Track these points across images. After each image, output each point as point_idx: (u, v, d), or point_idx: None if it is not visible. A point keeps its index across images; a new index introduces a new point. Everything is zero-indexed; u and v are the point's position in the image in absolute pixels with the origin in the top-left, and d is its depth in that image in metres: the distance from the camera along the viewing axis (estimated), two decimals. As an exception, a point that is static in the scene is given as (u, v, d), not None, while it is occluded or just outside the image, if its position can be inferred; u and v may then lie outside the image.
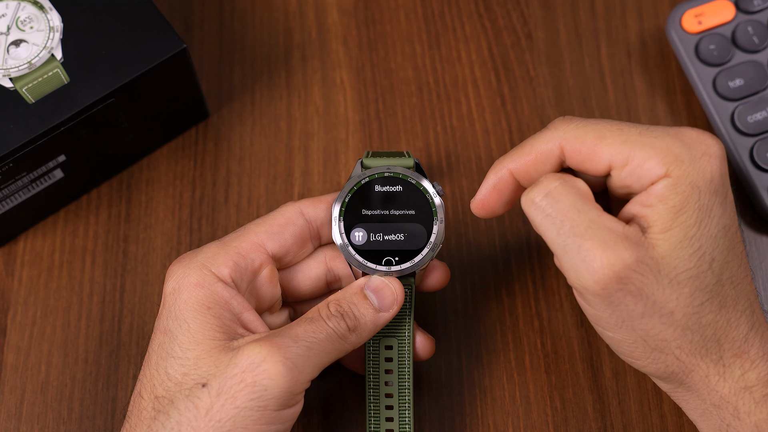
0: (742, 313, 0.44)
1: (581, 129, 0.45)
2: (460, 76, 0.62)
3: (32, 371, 0.55)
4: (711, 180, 0.43)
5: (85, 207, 0.59)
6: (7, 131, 0.52)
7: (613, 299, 0.44)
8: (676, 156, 0.43)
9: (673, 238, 0.43)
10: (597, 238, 0.43)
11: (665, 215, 0.43)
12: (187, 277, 0.46)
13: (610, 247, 0.43)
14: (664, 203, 0.43)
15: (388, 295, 0.48)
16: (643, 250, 0.43)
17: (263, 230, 0.49)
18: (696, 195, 0.43)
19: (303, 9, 0.64)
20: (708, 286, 0.43)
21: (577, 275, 0.44)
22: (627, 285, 0.43)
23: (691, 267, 0.43)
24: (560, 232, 0.44)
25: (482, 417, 0.54)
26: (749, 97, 0.57)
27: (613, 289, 0.43)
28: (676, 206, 0.43)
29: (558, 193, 0.44)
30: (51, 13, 0.55)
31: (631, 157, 0.44)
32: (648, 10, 0.63)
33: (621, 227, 0.43)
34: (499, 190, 0.48)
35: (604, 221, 0.43)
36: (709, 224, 0.43)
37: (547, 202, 0.44)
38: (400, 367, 0.50)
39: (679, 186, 0.43)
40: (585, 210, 0.44)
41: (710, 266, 0.43)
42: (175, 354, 0.45)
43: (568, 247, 0.44)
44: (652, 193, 0.44)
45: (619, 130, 0.44)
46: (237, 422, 0.43)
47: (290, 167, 0.60)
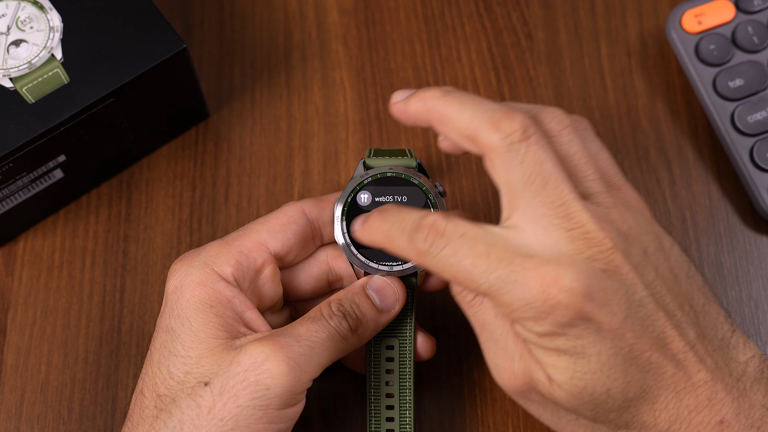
0: (661, 411, 0.42)
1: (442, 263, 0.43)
2: (460, 76, 0.62)
3: (32, 371, 0.55)
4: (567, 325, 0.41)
5: (85, 207, 0.59)
6: (7, 131, 0.52)
7: (525, 402, 0.45)
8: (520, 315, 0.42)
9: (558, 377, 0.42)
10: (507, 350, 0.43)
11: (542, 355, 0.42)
12: (189, 276, 0.46)
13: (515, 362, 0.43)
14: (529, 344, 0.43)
15: (389, 295, 0.48)
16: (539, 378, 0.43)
17: (265, 229, 0.49)
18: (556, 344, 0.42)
19: (303, 9, 0.64)
20: (612, 408, 0.42)
21: (493, 374, 0.45)
22: (531, 394, 0.44)
23: (586, 402, 0.42)
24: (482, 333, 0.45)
25: (482, 417, 0.54)
26: (749, 97, 0.58)
27: (522, 395, 0.44)
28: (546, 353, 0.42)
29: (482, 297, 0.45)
30: (51, 13, 0.55)
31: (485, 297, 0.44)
32: (648, 10, 0.63)
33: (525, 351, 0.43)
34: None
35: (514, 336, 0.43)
36: (587, 363, 0.41)
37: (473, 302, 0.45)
38: (401, 367, 0.50)
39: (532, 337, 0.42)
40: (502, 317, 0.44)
41: (608, 395, 0.42)
42: (177, 352, 0.45)
43: (488, 350, 0.45)
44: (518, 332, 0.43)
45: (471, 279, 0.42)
46: (239, 421, 0.43)
47: (290, 167, 0.60)
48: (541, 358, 0.42)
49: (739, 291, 0.56)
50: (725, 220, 0.58)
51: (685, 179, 0.58)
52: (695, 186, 0.58)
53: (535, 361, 0.42)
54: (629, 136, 0.60)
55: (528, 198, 0.42)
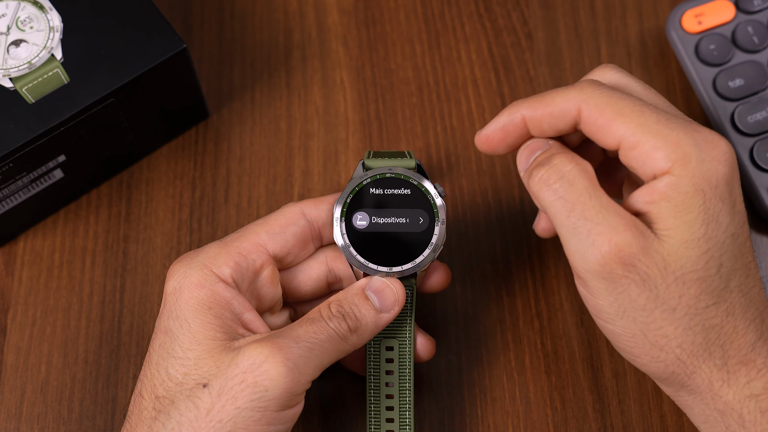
0: (751, 321, 0.44)
1: (604, 98, 0.44)
2: (460, 76, 0.62)
3: (32, 371, 0.55)
4: (716, 185, 0.43)
5: (85, 207, 0.59)
6: (7, 131, 0.52)
7: (617, 285, 0.43)
8: (684, 154, 0.42)
9: (679, 237, 0.42)
10: (607, 223, 0.43)
11: (667, 213, 0.43)
12: (188, 277, 0.46)
13: (619, 232, 0.42)
14: (667, 201, 0.43)
15: (389, 296, 0.48)
16: (650, 241, 0.43)
17: (264, 230, 0.49)
18: (700, 198, 0.42)
19: (303, 9, 0.64)
20: (715, 290, 0.43)
21: (584, 258, 0.43)
22: (632, 272, 0.43)
23: (699, 269, 0.43)
24: (571, 214, 0.43)
25: (482, 417, 0.54)
26: (749, 97, 0.58)
27: (617, 275, 0.43)
28: (678, 206, 0.43)
29: (572, 176, 0.44)
30: (51, 13, 0.55)
31: (641, 142, 0.43)
32: (648, 10, 0.63)
33: (630, 216, 0.43)
34: (507, 131, 0.48)
35: (614, 208, 0.43)
36: (716, 229, 0.43)
37: (561, 185, 0.44)
38: (401, 368, 0.50)
39: (681, 186, 0.42)
40: (597, 195, 0.43)
41: (718, 271, 0.43)
42: (175, 354, 0.45)
43: (577, 229, 0.43)
44: (654, 189, 0.43)
45: (640, 111, 0.44)
46: (238, 423, 0.43)
47: (290, 167, 0.60)
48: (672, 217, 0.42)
49: (739, 291, 0.56)
50: (725, 220, 0.58)
51: (685, 179, 0.58)
52: (695, 186, 0.58)
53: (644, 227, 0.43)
54: (629, 136, 0.60)
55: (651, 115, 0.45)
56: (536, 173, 0.45)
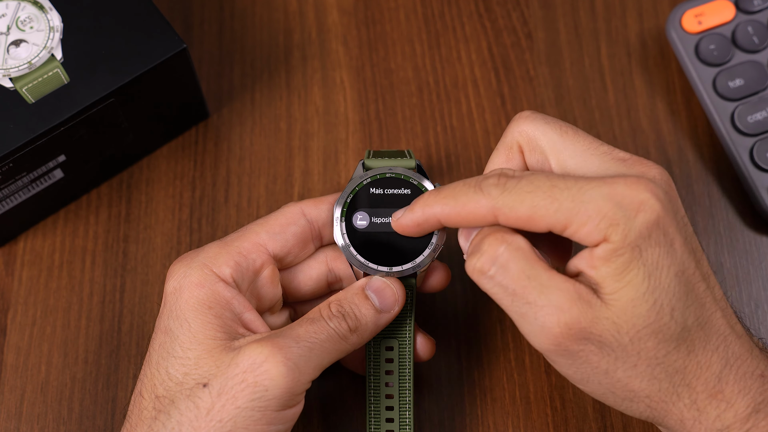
0: (713, 351, 0.43)
1: (514, 198, 0.43)
2: (460, 76, 0.62)
3: (32, 371, 0.55)
4: (649, 235, 0.42)
5: (85, 207, 0.59)
6: (7, 131, 0.52)
7: (576, 359, 0.43)
8: (610, 221, 0.41)
9: (625, 298, 0.42)
10: (551, 304, 0.42)
11: (611, 277, 0.42)
12: (188, 277, 0.46)
13: (565, 311, 0.42)
14: (608, 266, 0.42)
15: (389, 296, 0.48)
16: (598, 310, 0.42)
17: (264, 230, 0.49)
18: (638, 254, 0.42)
19: (303, 9, 0.64)
20: (672, 335, 0.42)
21: (537, 340, 0.43)
22: (586, 344, 0.42)
23: (651, 322, 0.42)
24: (514, 301, 0.43)
25: (482, 417, 0.54)
26: (749, 97, 0.58)
27: (573, 350, 0.43)
28: (619, 268, 0.42)
29: (506, 260, 0.43)
30: (51, 13, 0.55)
31: (567, 224, 0.42)
32: (648, 10, 0.63)
33: (573, 287, 0.42)
34: (422, 227, 0.47)
35: (556, 284, 0.42)
36: (659, 277, 0.42)
37: (496, 271, 0.43)
38: (401, 368, 0.50)
39: (619, 250, 0.42)
40: (535, 275, 0.43)
41: (672, 317, 0.42)
42: (176, 353, 0.45)
43: (524, 316, 0.43)
44: (594, 256, 0.42)
45: (551, 197, 0.42)
46: (238, 422, 0.43)
47: (290, 167, 0.60)
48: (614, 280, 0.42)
49: (739, 291, 0.56)
50: (725, 220, 0.58)
51: (685, 179, 0.58)
52: (695, 186, 0.58)
53: (590, 297, 0.42)
54: (629, 136, 0.60)
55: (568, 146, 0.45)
56: (471, 262, 0.44)
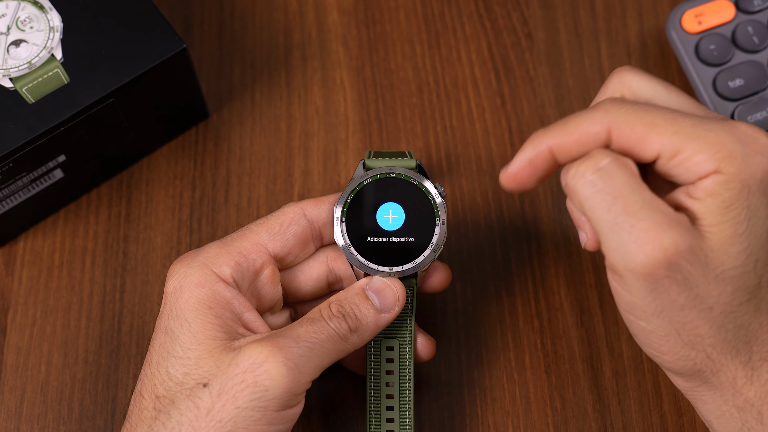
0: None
1: (632, 114, 0.43)
2: (460, 76, 0.62)
3: (32, 371, 0.55)
4: (762, 179, 0.42)
5: (85, 207, 0.59)
6: (7, 131, 0.52)
7: (658, 286, 0.42)
8: (729, 152, 0.41)
9: (723, 233, 0.42)
10: (651, 220, 0.41)
11: (714, 210, 0.42)
12: (188, 277, 0.46)
13: (664, 231, 0.41)
14: (714, 198, 0.42)
15: (389, 296, 0.48)
16: (695, 239, 0.41)
17: (265, 230, 0.49)
18: (746, 193, 0.42)
19: (303, 9, 0.64)
20: (750, 287, 0.42)
21: (625, 257, 0.42)
22: (675, 273, 0.41)
23: (738, 265, 0.42)
24: (611, 209, 0.42)
25: (482, 417, 0.54)
26: (749, 97, 0.58)
27: (660, 275, 0.41)
28: (725, 202, 0.42)
29: (611, 169, 0.42)
30: (51, 13, 0.55)
31: (682, 149, 0.42)
32: (648, 10, 0.63)
33: (674, 213, 0.42)
34: (534, 165, 0.45)
35: (657, 204, 0.42)
36: (756, 224, 0.42)
37: (599, 177, 0.42)
38: (401, 368, 0.50)
39: (731, 183, 0.41)
40: (638, 190, 0.42)
41: (754, 267, 0.42)
42: (176, 353, 0.45)
43: (618, 225, 0.42)
44: (701, 187, 0.42)
45: (672, 119, 0.43)
46: (238, 422, 0.43)
47: (290, 167, 0.60)
48: (716, 214, 0.42)
49: (739, 291, 0.56)
50: (725, 220, 0.58)
51: (685, 179, 0.58)
52: (695, 186, 0.58)
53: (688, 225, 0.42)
54: (629, 136, 0.60)
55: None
56: (572, 169, 0.43)
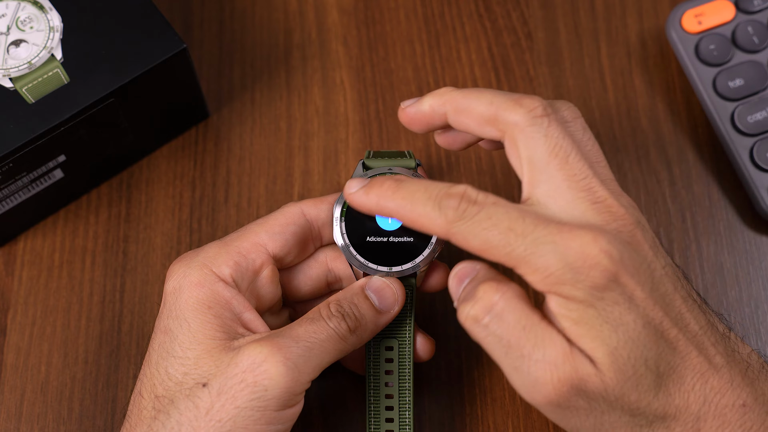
0: (689, 392, 0.42)
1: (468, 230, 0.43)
2: (460, 76, 0.62)
3: (32, 371, 0.55)
4: (603, 296, 0.41)
5: (85, 207, 0.59)
6: (7, 131, 0.52)
7: (567, 411, 0.43)
8: (557, 279, 0.41)
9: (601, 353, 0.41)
10: (546, 359, 0.42)
11: (576, 332, 0.41)
12: (187, 277, 0.46)
13: (559, 367, 0.41)
14: (566, 319, 0.41)
15: (389, 296, 0.48)
16: (587, 367, 0.42)
17: (264, 230, 0.49)
18: (594, 312, 0.41)
19: (303, 9, 0.64)
20: (650, 385, 0.42)
21: (529, 394, 0.43)
22: (577, 400, 0.42)
23: (630, 376, 0.41)
24: (508, 353, 0.42)
25: (482, 417, 0.54)
26: (749, 97, 0.57)
27: (565, 405, 0.42)
28: (579, 320, 0.41)
29: (501, 309, 0.42)
30: (51, 13, 0.55)
31: (516, 267, 0.42)
32: (648, 10, 0.63)
33: (566, 344, 0.42)
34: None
35: (550, 336, 0.42)
36: (626, 331, 0.41)
37: (490, 320, 0.42)
38: (401, 368, 0.50)
39: (570, 304, 0.41)
40: (530, 326, 0.42)
41: (646, 367, 0.42)
42: (175, 353, 0.45)
43: (517, 369, 0.42)
44: (549, 306, 0.42)
45: (505, 240, 0.42)
46: (237, 422, 0.43)
47: (290, 167, 0.60)
48: (582, 336, 0.41)
49: (739, 291, 0.56)
50: (725, 220, 0.58)
51: (685, 179, 0.58)
52: (695, 186, 0.58)
53: (578, 354, 0.42)
54: (629, 136, 0.60)
55: (551, 172, 0.43)
56: (464, 309, 0.43)
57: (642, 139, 0.59)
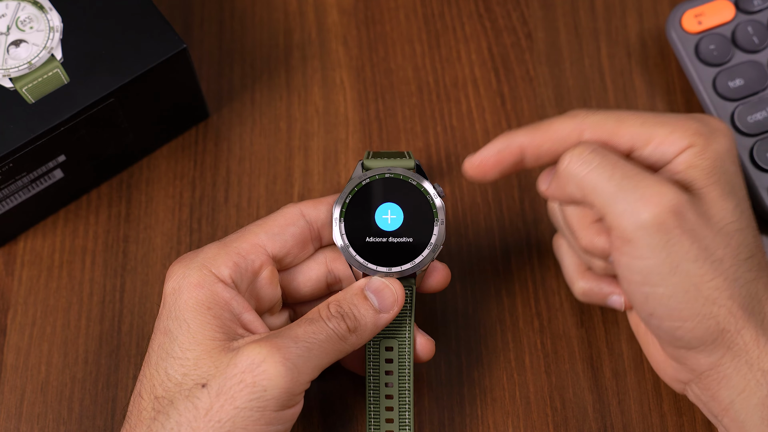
0: None
1: (601, 115, 0.47)
2: (460, 76, 0.62)
3: (32, 371, 0.55)
4: (729, 150, 0.46)
5: (85, 207, 0.59)
6: (7, 131, 0.52)
7: (670, 237, 0.44)
8: (695, 130, 0.45)
9: (714, 192, 0.45)
10: (652, 179, 0.44)
11: (698, 176, 0.45)
12: (187, 278, 0.46)
13: (666, 186, 0.44)
14: (694, 168, 0.45)
15: (388, 296, 0.48)
16: (693, 196, 0.45)
17: (264, 231, 0.49)
18: (720, 161, 0.45)
19: (303, 9, 0.64)
20: (751, 243, 0.45)
21: (635, 214, 0.44)
22: (683, 222, 0.44)
23: (736, 220, 0.45)
24: (613, 176, 0.44)
25: (482, 417, 0.54)
26: (749, 97, 0.57)
27: (671, 225, 0.43)
28: (706, 169, 0.45)
29: (602, 149, 0.45)
30: (51, 13, 0.55)
31: (652, 135, 0.46)
32: (648, 10, 0.63)
33: (668, 178, 0.45)
34: (501, 158, 0.49)
35: (651, 172, 0.45)
36: (737, 188, 0.46)
37: (594, 155, 0.45)
38: (401, 368, 0.50)
39: (705, 153, 0.45)
40: (631, 162, 0.45)
41: (749, 224, 0.45)
42: (175, 354, 0.45)
43: (623, 188, 0.44)
44: (680, 162, 0.45)
45: (637, 114, 0.47)
46: (236, 423, 0.43)
47: (290, 167, 0.60)
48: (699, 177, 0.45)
49: (739, 291, 0.56)
50: (725, 220, 0.57)
51: (685, 179, 0.58)
52: (695, 186, 0.58)
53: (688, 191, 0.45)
54: (629, 136, 0.60)
55: None
56: (566, 157, 0.46)
57: (642, 139, 0.60)
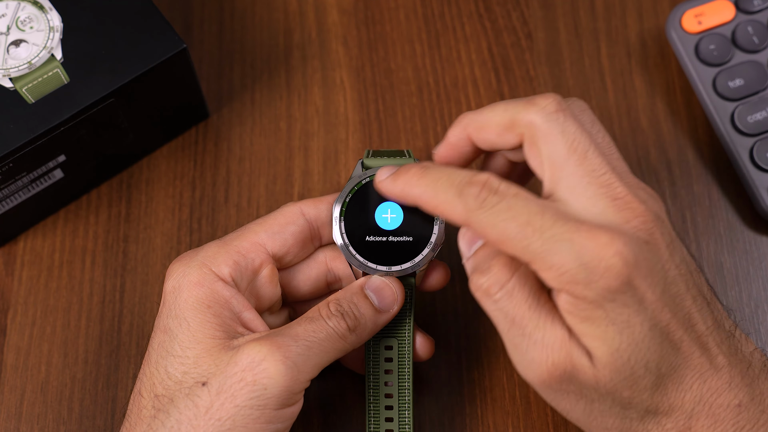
0: (686, 392, 0.43)
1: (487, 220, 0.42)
2: (460, 76, 0.62)
3: (32, 371, 0.55)
4: (614, 298, 0.41)
5: (85, 207, 0.59)
6: (7, 131, 0.52)
7: (557, 395, 0.44)
8: (571, 278, 0.41)
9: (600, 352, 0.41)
10: (545, 342, 0.42)
11: (582, 329, 0.42)
12: (187, 276, 0.46)
13: (555, 351, 0.42)
14: (573, 316, 0.42)
15: (388, 295, 0.48)
16: (582, 358, 0.42)
17: (264, 230, 0.49)
18: (603, 313, 0.41)
19: (303, 9, 0.64)
20: (647, 385, 0.42)
21: (524, 372, 0.44)
22: (569, 386, 0.43)
23: (627, 377, 0.42)
24: (511, 329, 0.43)
25: (482, 417, 0.54)
26: (749, 97, 0.57)
27: (555, 389, 0.43)
28: (586, 319, 0.41)
29: (512, 287, 0.43)
30: (51, 13, 0.55)
31: (531, 262, 0.42)
32: (648, 10, 0.63)
33: (565, 333, 0.42)
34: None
35: (552, 322, 0.42)
36: (631, 334, 0.41)
37: (502, 296, 0.43)
38: (400, 368, 0.50)
39: (580, 303, 0.41)
40: (536, 307, 0.43)
41: (646, 369, 0.42)
42: (175, 352, 0.45)
43: (517, 347, 0.43)
44: (559, 303, 0.42)
45: (523, 234, 0.41)
46: (237, 421, 0.43)
47: (290, 167, 0.60)
48: (586, 334, 0.42)
49: (739, 291, 0.56)
50: (725, 220, 0.57)
51: (685, 179, 0.58)
52: (695, 186, 0.58)
53: (576, 344, 0.42)
54: (629, 136, 0.60)
55: (571, 168, 0.43)
56: (477, 280, 0.44)
57: (642, 139, 0.59)
